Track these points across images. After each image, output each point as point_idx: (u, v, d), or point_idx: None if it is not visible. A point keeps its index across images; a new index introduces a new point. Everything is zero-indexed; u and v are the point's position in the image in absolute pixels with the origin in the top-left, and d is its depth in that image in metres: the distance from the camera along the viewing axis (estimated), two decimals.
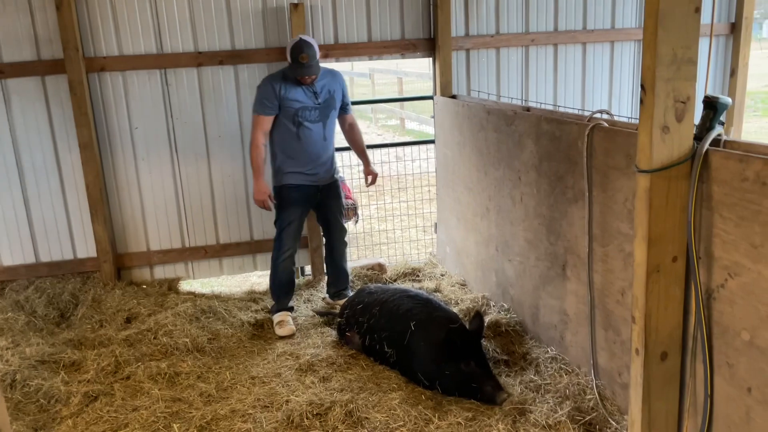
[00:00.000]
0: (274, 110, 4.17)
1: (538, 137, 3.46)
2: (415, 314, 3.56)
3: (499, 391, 3.19)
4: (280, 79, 4.18)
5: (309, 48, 4.05)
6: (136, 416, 3.22)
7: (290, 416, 3.07)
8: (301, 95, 4.19)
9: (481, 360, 3.31)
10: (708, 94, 2.33)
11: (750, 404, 2.19)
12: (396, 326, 3.58)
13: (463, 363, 3.26)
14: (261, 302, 4.67)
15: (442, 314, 3.56)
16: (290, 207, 4.32)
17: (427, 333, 3.44)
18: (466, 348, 3.28)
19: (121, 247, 4.94)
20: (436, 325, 3.44)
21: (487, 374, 3.27)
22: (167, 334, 3.97)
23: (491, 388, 3.21)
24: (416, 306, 3.63)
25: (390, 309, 3.70)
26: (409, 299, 3.70)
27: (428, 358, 3.39)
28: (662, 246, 2.36)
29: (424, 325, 3.48)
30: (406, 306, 3.64)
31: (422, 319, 3.51)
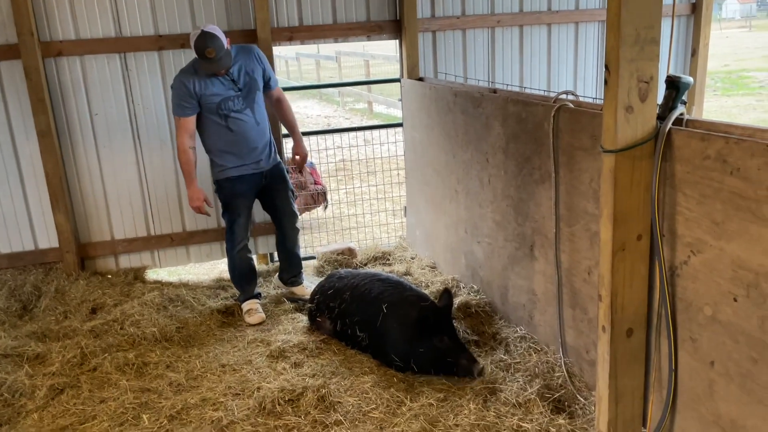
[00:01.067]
0: (194, 109, 3.94)
1: (505, 119, 3.47)
2: (387, 297, 3.57)
3: (475, 363, 3.25)
4: (192, 74, 3.91)
5: (214, 41, 3.74)
6: (104, 408, 3.17)
7: (262, 403, 3.06)
8: (219, 87, 3.94)
9: (453, 335, 3.37)
10: (670, 74, 2.36)
11: (713, 377, 2.25)
12: (368, 310, 3.58)
13: (436, 339, 3.30)
14: (230, 289, 4.62)
15: (412, 294, 3.59)
16: (237, 198, 4.15)
17: (400, 313, 3.46)
18: (439, 324, 3.33)
19: (84, 237, 4.83)
20: (407, 304, 3.47)
21: (460, 348, 3.33)
22: (134, 324, 3.90)
23: (467, 361, 3.26)
24: (387, 289, 3.63)
25: (361, 293, 3.69)
26: (380, 283, 3.71)
27: (402, 338, 3.41)
28: (627, 224, 2.39)
29: (396, 306, 3.50)
30: (377, 290, 3.65)
31: (393, 301, 3.52)
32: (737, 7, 40.72)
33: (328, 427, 2.90)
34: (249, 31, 4.73)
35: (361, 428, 2.88)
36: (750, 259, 2.02)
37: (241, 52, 4.08)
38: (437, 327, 3.33)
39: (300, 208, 6.92)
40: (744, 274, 2.05)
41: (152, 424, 3.03)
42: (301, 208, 6.90)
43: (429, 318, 3.33)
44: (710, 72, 7.42)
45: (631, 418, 2.64)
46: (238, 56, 4.03)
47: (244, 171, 4.12)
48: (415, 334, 3.36)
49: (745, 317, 2.07)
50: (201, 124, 4.04)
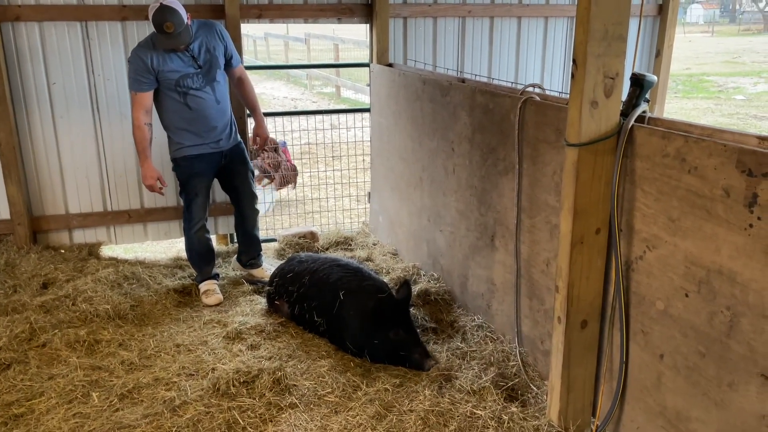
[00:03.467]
0: (151, 85, 3.81)
1: (472, 109, 3.48)
2: (345, 284, 3.54)
3: (427, 358, 3.24)
4: (149, 49, 3.76)
5: (173, 15, 3.60)
6: (52, 385, 3.09)
7: (216, 384, 3.02)
8: (178, 63, 3.81)
9: (409, 328, 3.34)
10: (635, 72, 2.40)
11: (662, 370, 2.31)
12: (326, 296, 3.56)
13: (392, 332, 3.28)
14: (188, 269, 4.55)
15: (371, 283, 3.56)
16: (195, 178, 4.05)
17: (356, 302, 3.44)
18: (395, 317, 3.31)
19: (37, 210, 4.68)
20: (364, 294, 3.44)
21: (415, 342, 3.30)
22: (87, 301, 3.80)
23: (419, 355, 3.25)
24: (346, 275, 3.60)
25: (320, 278, 3.66)
26: (339, 268, 3.67)
27: (357, 327, 3.39)
28: (587, 218, 2.43)
29: (353, 295, 3.47)
30: (335, 275, 3.61)
31: (351, 289, 3.50)
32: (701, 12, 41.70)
33: (282, 409, 2.88)
34: (217, 6, 4.63)
35: (316, 412, 2.87)
36: (702, 257, 2.08)
37: (203, 27, 3.95)
38: (393, 319, 3.30)
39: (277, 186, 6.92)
40: (696, 270, 2.11)
41: (102, 402, 2.96)
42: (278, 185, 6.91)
43: (384, 310, 3.30)
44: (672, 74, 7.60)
45: (582, 407, 2.71)
46: (199, 32, 3.91)
47: (202, 150, 4.03)
48: (370, 325, 3.34)
49: (695, 312, 2.13)
50: (159, 100, 3.93)
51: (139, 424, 2.78)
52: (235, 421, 2.78)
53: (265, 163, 6.90)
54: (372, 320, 3.33)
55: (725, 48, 24.14)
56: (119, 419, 2.82)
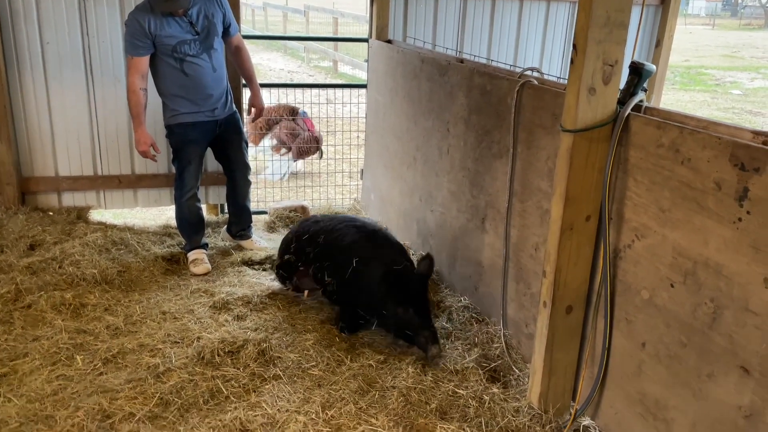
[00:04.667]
0: (147, 49, 3.75)
1: (469, 90, 3.46)
2: (358, 249, 3.36)
3: (433, 344, 3.01)
4: (147, 12, 3.71)
5: None
6: (36, 346, 3.09)
7: (201, 353, 3.03)
8: (176, 28, 3.75)
9: (421, 307, 3.13)
10: (635, 60, 2.39)
11: (643, 358, 2.34)
12: (338, 258, 3.40)
13: (401, 308, 3.11)
14: (176, 237, 4.53)
15: (386, 252, 3.35)
16: (188, 146, 4.02)
17: (368, 271, 3.26)
18: (407, 291, 3.13)
19: (26, 171, 4.63)
20: (377, 262, 3.26)
21: (424, 324, 3.08)
22: (74, 264, 3.79)
23: (425, 339, 3.04)
24: (361, 239, 3.42)
25: (335, 239, 3.49)
26: (355, 230, 3.48)
27: (367, 295, 3.26)
28: (578, 205, 2.44)
29: (365, 262, 3.30)
30: (350, 237, 3.44)
31: (365, 256, 3.32)
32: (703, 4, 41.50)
33: (266, 380, 2.90)
34: None
35: (299, 384, 2.89)
36: (690, 248, 2.09)
37: None
38: (404, 294, 3.12)
39: (295, 155, 6.94)
40: (683, 261, 2.12)
41: (86, 365, 2.97)
42: (295, 155, 6.94)
43: (393, 284, 3.13)
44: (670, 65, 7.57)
45: (562, 391, 2.74)
46: None
47: (197, 118, 4.00)
48: (380, 296, 3.17)
49: (680, 303, 2.15)
50: (155, 65, 3.88)
51: (122, 388, 2.79)
52: (218, 390, 2.80)
53: (282, 132, 6.90)
54: (381, 291, 3.17)
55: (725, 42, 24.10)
56: (103, 383, 2.83)
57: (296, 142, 6.92)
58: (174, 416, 2.64)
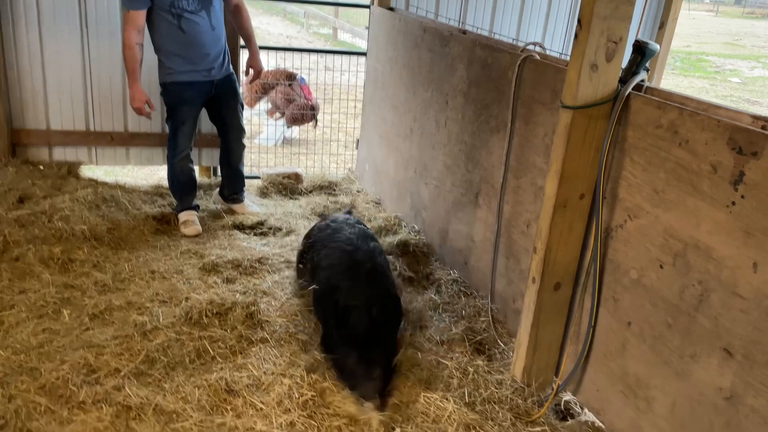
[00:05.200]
0: (145, 3, 3.66)
1: (470, 62, 3.43)
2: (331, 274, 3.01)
3: (366, 401, 2.51)
4: None
5: None
6: (23, 299, 3.08)
7: (189, 313, 3.03)
8: None
9: (366, 354, 2.61)
10: (639, 39, 2.36)
11: (627, 337, 2.36)
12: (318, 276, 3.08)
13: (343, 351, 2.66)
14: (168, 197, 4.50)
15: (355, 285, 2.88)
16: (183, 105, 3.96)
17: (325, 301, 2.89)
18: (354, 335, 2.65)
19: (17, 123, 4.56)
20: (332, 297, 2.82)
21: (364, 375, 2.57)
22: (63, 219, 3.76)
23: (360, 394, 2.54)
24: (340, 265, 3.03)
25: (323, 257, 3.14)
26: (340, 254, 3.10)
27: (323, 325, 2.92)
28: (572, 182, 2.43)
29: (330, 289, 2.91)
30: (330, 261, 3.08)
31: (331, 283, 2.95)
32: None
33: (253, 343, 2.91)
34: None
35: (286, 348, 2.90)
36: (682, 230, 2.10)
37: None
38: (351, 337, 2.66)
39: (288, 122, 6.89)
40: (674, 243, 2.13)
41: (73, 320, 2.96)
42: (289, 121, 6.88)
43: (341, 322, 2.70)
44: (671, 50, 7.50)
45: (546, 366, 2.77)
46: None
47: (193, 77, 3.93)
48: (327, 333, 2.81)
49: (668, 284, 2.16)
50: (152, 21, 3.80)
51: (108, 344, 2.79)
52: (205, 350, 2.81)
53: (278, 96, 6.83)
54: (329, 327, 2.78)
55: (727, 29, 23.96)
56: (89, 338, 2.83)
57: (290, 108, 6.86)
58: (159, 374, 2.65)
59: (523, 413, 2.59)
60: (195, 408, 2.45)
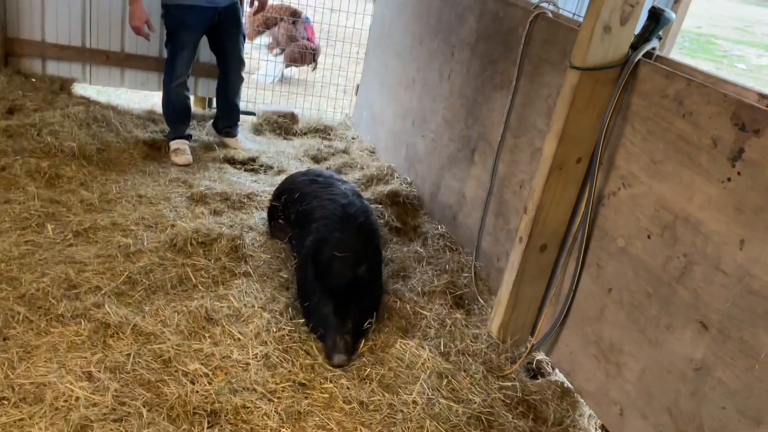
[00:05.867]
0: None
1: (481, 14, 3.35)
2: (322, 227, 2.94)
3: (337, 352, 2.50)
4: None
5: None
6: (7, 209, 3.05)
7: (174, 239, 3.02)
8: None
9: (342, 307, 2.60)
10: (655, 5, 2.32)
11: (606, 303, 2.39)
12: (306, 230, 3.01)
13: (322, 300, 2.62)
14: (161, 124, 4.43)
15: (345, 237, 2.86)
16: (184, 30, 3.87)
17: (315, 248, 2.79)
18: (335, 285, 2.63)
19: (12, 31, 4.43)
20: (325, 243, 2.81)
21: (337, 327, 2.56)
22: (53, 134, 3.69)
23: (332, 343, 2.53)
24: (332, 216, 2.98)
25: (312, 209, 3.09)
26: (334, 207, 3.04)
27: (303, 273, 2.81)
28: (571, 146, 2.42)
29: (319, 238, 2.87)
30: (323, 212, 3.03)
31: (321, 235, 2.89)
32: None
33: (235, 276, 2.92)
34: None
35: (267, 284, 2.91)
36: (674, 202, 2.10)
37: None
38: (331, 287, 2.63)
39: (286, 60, 6.75)
40: (664, 214, 2.14)
41: (56, 235, 2.95)
42: (287, 59, 6.74)
43: (326, 269, 2.66)
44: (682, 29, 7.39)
45: (522, 325, 2.81)
46: None
47: (197, 1, 3.82)
48: (309, 278, 2.70)
49: (653, 254, 2.18)
50: None
51: (90, 262, 2.78)
52: (187, 278, 2.81)
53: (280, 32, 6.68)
54: (312, 273, 2.69)
55: (740, 15, 23.64)
56: (71, 254, 2.82)
57: (291, 46, 6.72)
58: (140, 296, 2.65)
59: (496, 368, 2.63)
60: (173, 332, 2.47)
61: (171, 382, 2.24)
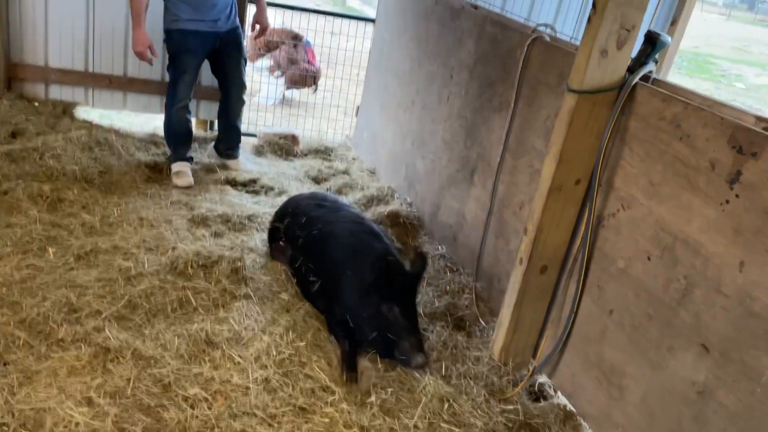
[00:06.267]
0: None
1: (479, 38, 3.39)
2: (352, 238, 2.97)
3: (418, 352, 2.52)
4: None
5: None
6: (9, 233, 3.05)
7: (175, 263, 3.02)
8: None
9: (409, 309, 2.64)
10: (651, 29, 2.34)
11: (607, 324, 2.39)
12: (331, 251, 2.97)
13: (385, 305, 2.60)
14: (162, 146, 4.45)
15: (383, 245, 2.92)
16: (186, 54, 3.92)
17: (356, 260, 2.81)
18: (396, 288, 2.62)
19: (15, 56, 4.47)
20: (369, 252, 2.82)
21: (410, 328, 2.58)
22: (55, 158, 3.71)
23: (410, 345, 2.53)
24: (357, 231, 3.02)
25: (331, 232, 3.05)
26: (353, 225, 3.08)
27: (350, 290, 2.76)
28: (569, 167, 2.43)
29: (356, 252, 2.87)
30: (347, 228, 3.04)
31: (359, 248, 2.89)
32: None
33: (236, 298, 2.91)
34: None
35: (268, 306, 2.91)
36: (673, 224, 2.11)
37: None
38: (392, 291, 2.61)
39: (287, 82, 6.80)
40: (664, 236, 2.14)
41: (57, 259, 2.95)
42: (288, 81, 6.79)
43: (387, 276, 2.62)
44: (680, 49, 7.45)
45: (524, 347, 2.80)
46: None
47: (199, 27, 3.87)
48: (364, 290, 2.66)
49: (653, 276, 2.18)
50: None
51: (91, 285, 2.78)
52: (187, 300, 2.81)
53: (281, 55, 6.75)
54: (368, 284, 2.66)
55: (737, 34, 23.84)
56: (72, 278, 2.82)
57: (292, 69, 6.78)
58: (141, 319, 2.65)
59: (498, 391, 2.62)
60: (173, 356, 2.46)
61: (171, 407, 2.23)
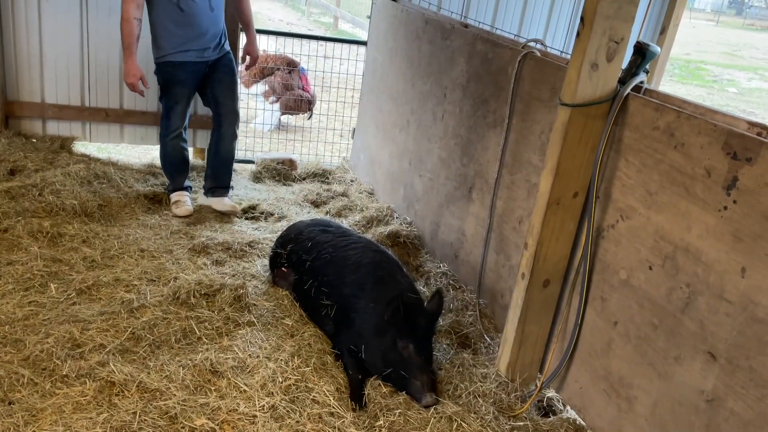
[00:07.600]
0: None
1: (470, 56, 3.42)
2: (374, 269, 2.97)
3: (429, 392, 2.54)
4: None
5: None
6: (10, 270, 3.06)
7: (177, 293, 3.02)
8: None
9: (424, 347, 2.67)
10: (640, 40, 2.37)
11: (613, 336, 2.38)
12: (344, 276, 3.00)
13: (401, 342, 2.63)
14: (161, 177, 4.47)
15: (402, 280, 2.94)
16: (176, 85, 3.91)
17: (377, 291, 2.85)
18: (413, 325, 2.66)
19: (12, 94, 4.52)
20: (391, 285, 2.86)
21: (423, 367, 2.61)
22: (54, 193, 3.73)
23: (421, 384, 2.56)
24: (379, 260, 3.03)
25: (344, 256, 3.07)
26: (374, 254, 3.08)
27: (366, 320, 2.79)
28: (566, 181, 2.44)
29: (377, 282, 2.90)
30: (367, 257, 3.04)
31: (378, 276, 2.93)
32: None
33: (240, 326, 2.91)
34: None
35: (272, 332, 2.90)
36: (673, 232, 2.11)
37: None
38: (410, 328, 2.65)
39: (282, 108, 6.84)
40: (664, 245, 2.14)
41: (59, 294, 2.95)
42: (283, 107, 6.84)
43: (405, 311, 2.65)
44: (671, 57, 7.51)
45: (531, 362, 2.78)
46: None
47: (187, 58, 3.87)
48: (382, 323, 2.70)
49: (656, 285, 2.18)
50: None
51: (94, 320, 2.78)
52: (191, 330, 2.80)
53: (276, 81, 6.79)
54: (386, 318, 2.68)
55: (727, 39, 24.04)
56: (75, 313, 2.82)
57: (287, 95, 6.82)
58: (145, 351, 2.64)
59: (506, 408, 2.60)
60: (179, 387, 2.45)
61: None
